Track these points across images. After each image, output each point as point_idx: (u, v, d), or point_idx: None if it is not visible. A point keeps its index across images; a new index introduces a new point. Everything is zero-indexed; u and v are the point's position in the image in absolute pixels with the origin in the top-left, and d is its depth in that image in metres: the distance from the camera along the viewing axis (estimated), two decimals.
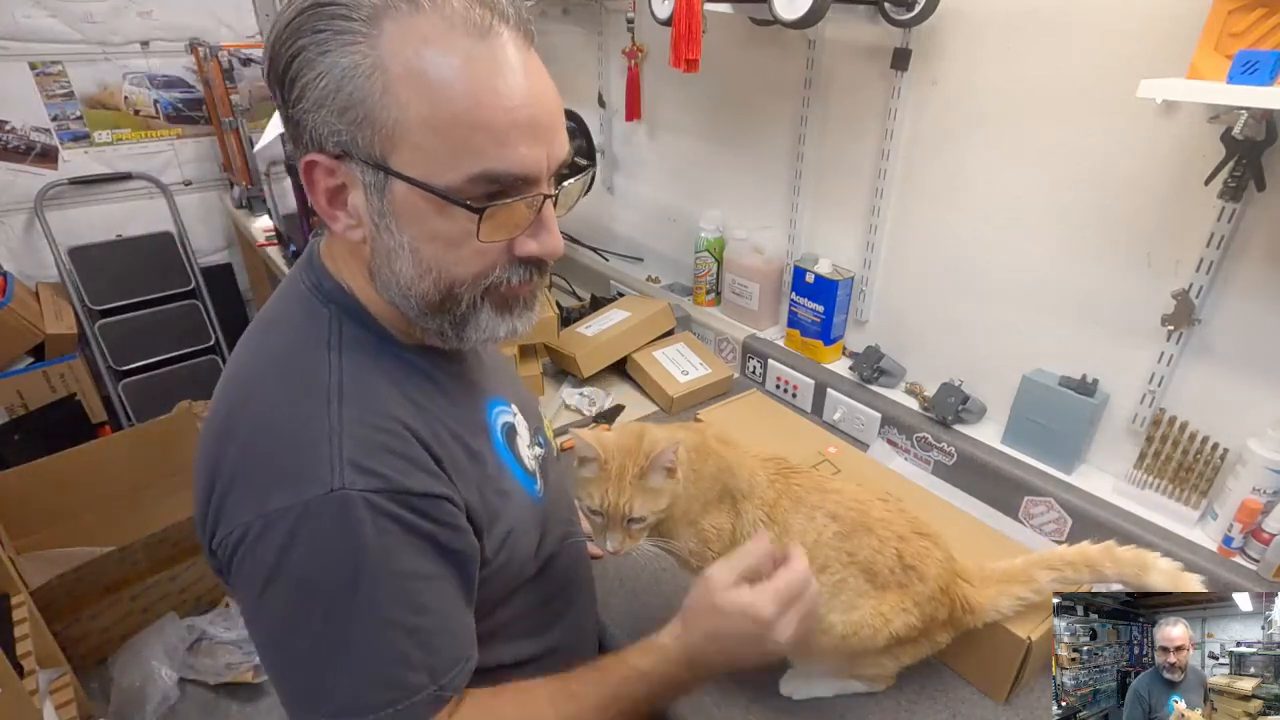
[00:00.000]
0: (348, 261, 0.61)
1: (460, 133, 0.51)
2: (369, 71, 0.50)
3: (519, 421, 0.74)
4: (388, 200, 0.54)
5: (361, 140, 0.52)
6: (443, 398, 0.63)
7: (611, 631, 0.90)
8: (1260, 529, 0.88)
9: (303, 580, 0.52)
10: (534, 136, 0.53)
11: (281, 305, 0.64)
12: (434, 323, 0.59)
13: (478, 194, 0.53)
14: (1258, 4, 0.72)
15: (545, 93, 0.55)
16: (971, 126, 1.08)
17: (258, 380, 0.58)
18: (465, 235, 0.54)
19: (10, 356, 2.21)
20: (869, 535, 0.74)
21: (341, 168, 0.54)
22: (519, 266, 0.59)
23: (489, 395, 0.71)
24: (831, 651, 0.76)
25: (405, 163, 0.52)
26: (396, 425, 0.56)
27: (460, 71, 0.50)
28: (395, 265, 0.56)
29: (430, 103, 0.50)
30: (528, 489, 0.70)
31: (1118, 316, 1.00)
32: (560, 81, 0.57)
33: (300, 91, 0.52)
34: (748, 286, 1.48)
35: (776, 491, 0.78)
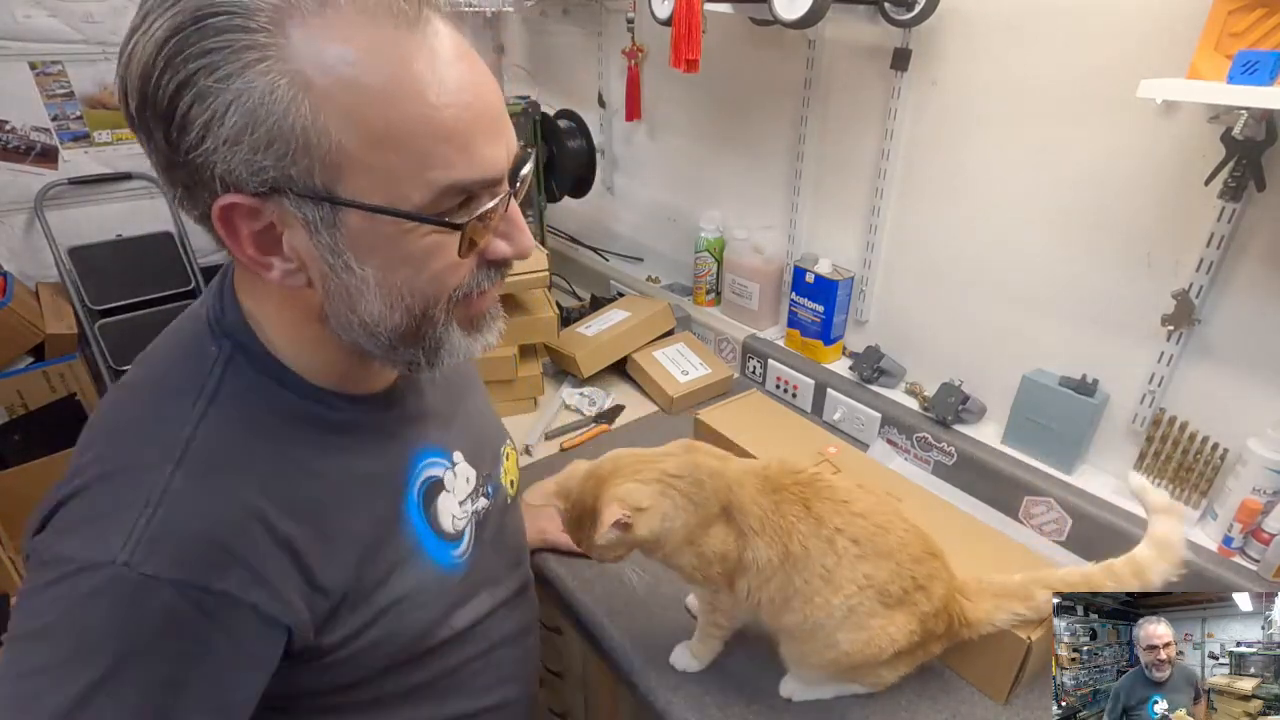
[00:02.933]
0: (274, 304, 0.54)
1: (420, 144, 0.44)
2: (291, 94, 0.41)
3: (456, 473, 0.68)
4: (341, 234, 0.46)
5: (296, 173, 0.43)
6: (342, 454, 0.57)
7: (625, 649, 0.90)
8: (1260, 529, 0.88)
9: (44, 629, 0.45)
10: (493, 133, 0.48)
11: (173, 336, 0.57)
12: (406, 354, 0.54)
13: (449, 207, 0.48)
14: (1258, 4, 0.72)
15: (489, 81, 0.49)
16: (971, 126, 1.08)
17: (116, 419, 0.53)
18: (438, 252, 0.49)
19: (10, 356, 2.20)
20: (888, 560, 0.73)
21: (269, 206, 0.45)
22: (488, 271, 0.54)
23: (419, 445, 0.65)
24: (831, 664, 0.76)
25: (359, 189, 0.45)
26: (232, 507, 0.49)
27: (401, 73, 0.43)
28: (359, 305, 0.50)
29: (376, 116, 0.43)
30: (436, 557, 0.63)
31: (1118, 316, 1.00)
32: (560, 81, 0.56)
33: (201, 131, 0.42)
34: (748, 286, 1.48)
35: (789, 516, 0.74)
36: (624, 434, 1.33)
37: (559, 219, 2.07)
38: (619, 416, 1.37)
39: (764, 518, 0.74)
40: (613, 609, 0.93)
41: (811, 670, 0.79)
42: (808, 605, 0.73)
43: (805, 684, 0.82)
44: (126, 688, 0.46)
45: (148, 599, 0.45)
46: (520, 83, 2.07)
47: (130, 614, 0.45)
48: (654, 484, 0.74)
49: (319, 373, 0.56)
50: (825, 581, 0.72)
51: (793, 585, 0.73)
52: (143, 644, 0.46)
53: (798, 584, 0.73)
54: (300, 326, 0.54)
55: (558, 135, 1.68)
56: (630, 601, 0.93)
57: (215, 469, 0.50)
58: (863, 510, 0.75)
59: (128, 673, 0.46)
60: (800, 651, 0.77)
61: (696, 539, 0.75)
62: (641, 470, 0.74)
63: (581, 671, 1.09)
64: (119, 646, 0.45)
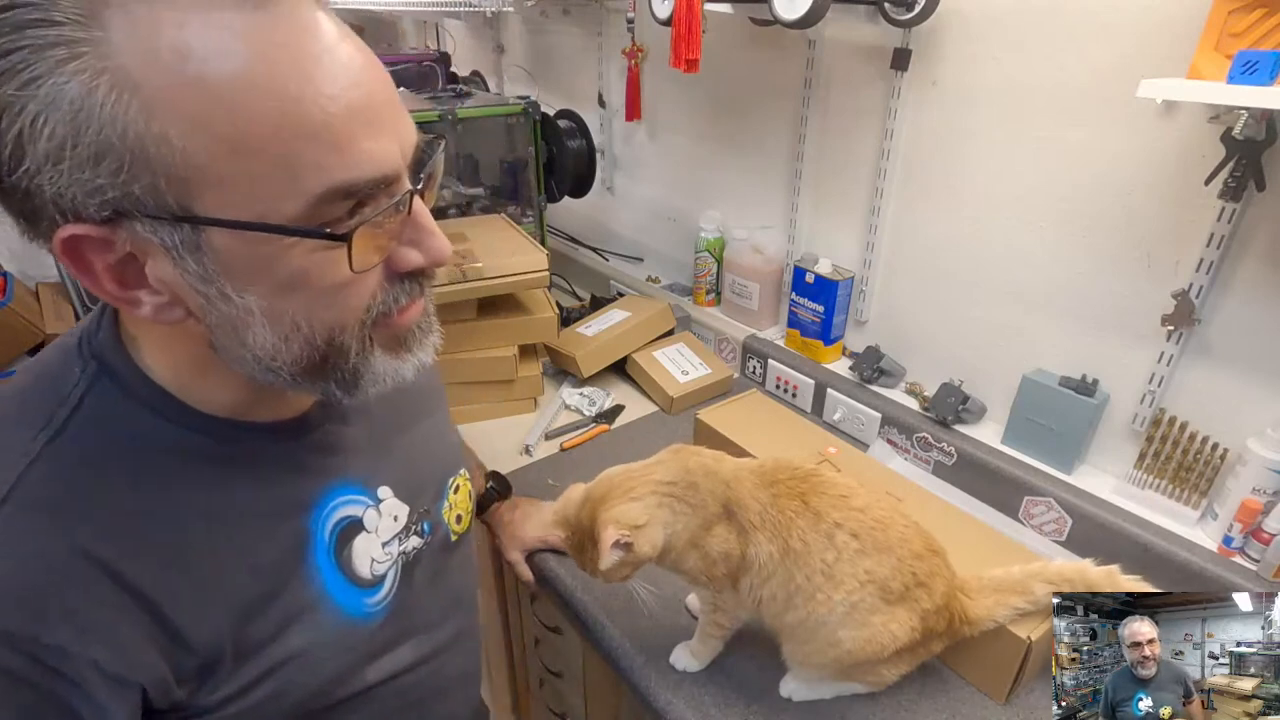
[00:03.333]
0: (158, 335, 0.47)
1: (284, 146, 0.37)
2: (114, 96, 0.35)
3: (381, 511, 0.61)
4: (210, 259, 0.39)
5: (140, 191, 0.37)
6: (229, 491, 0.50)
7: (625, 649, 0.90)
8: (1260, 529, 0.88)
9: None
10: (376, 124, 0.41)
11: (44, 355, 0.50)
12: (316, 388, 0.48)
13: (336, 216, 0.41)
14: (1258, 4, 0.72)
15: (372, 64, 0.41)
16: (971, 126, 1.08)
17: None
18: (329, 270, 0.42)
19: (10, 356, 2.20)
20: (889, 554, 0.73)
21: (121, 234, 0.38)
22: (403, 284, 0.47)
23: (333, 480, 0.57)
24: (833, 663, 0.76)
25: (218, 204, 0.38)
26: (60, 551, 0.43)
27: (253, 60, 0.36)
28: (247, 337, 0.43)
29: (225, 117, 0.36)
30: (346, 606, 0.56)
31: (1118, 316, 1.00)
32: (560, 81, 0.55)
33: (15, 149, 0.35)
34: (748, 286, 1.48)
35: (787, 510, 0.74)
36: (624, 434, 1.33)
37: (559, 219, 2.07)
38: (619, 416, 1.37)
39: (763, 512, 0.74)
40: (613, 609, 0.93)
41: (814, 670, 0.79)
42: (809, 602, 0.73)
43: (806, 684, 0.82)
44: None
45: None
46: (520, 83, 2.07)
47: None
48: (648, 497, 0.73)
49: (209, 400, 0.49)
50: (826, 578, 0.72)
51: (794, 582, 0.73)
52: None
53: (799, 581, 0.73)
54: (187, 350, 0.47)
55: (558, 135, 1.68)
56: (630, 602, 0.93)
57: (44, 508, 0.43)
58: (861, 505, 0.74)
59: None
60: (803, 651, 0.77)
61: (700, 540, 0.75)
62: (634, 487, 0.74)
63: (581, 671, 1.09)
64: None
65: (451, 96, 1.64)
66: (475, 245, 1.32)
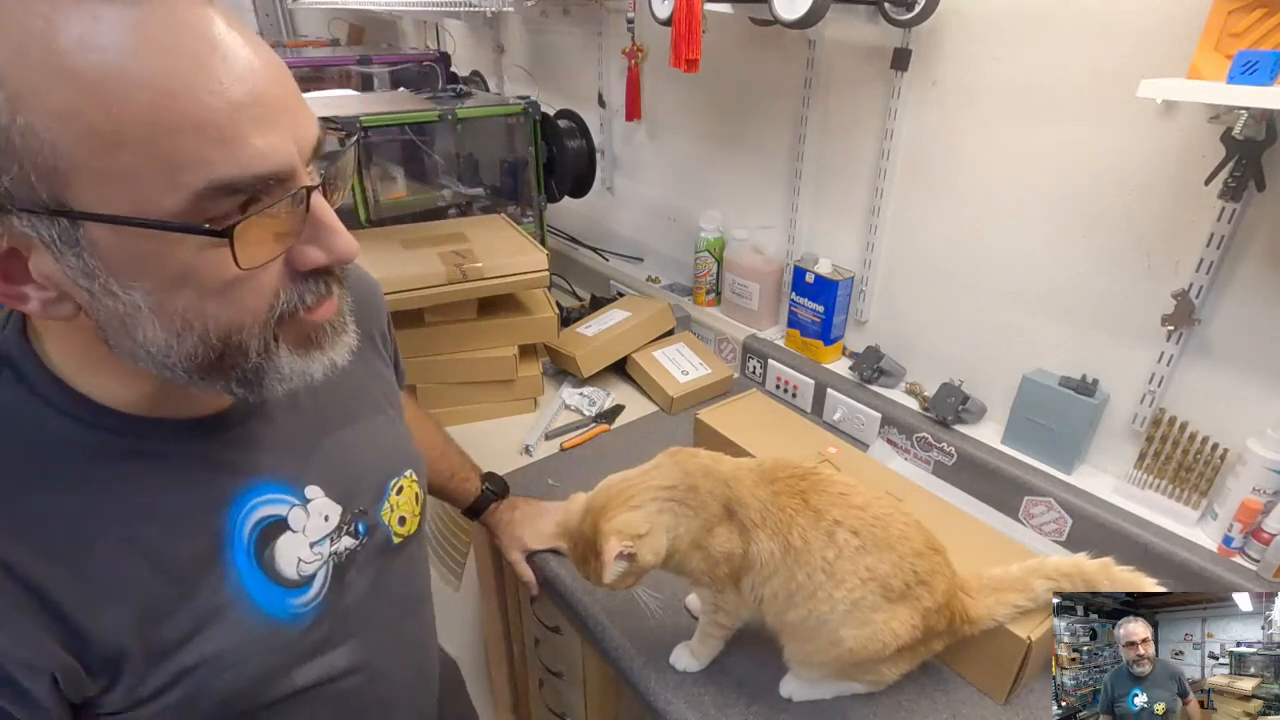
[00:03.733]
0: (58, 329, 0.46)
1: (161, 140, 0.37)
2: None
3: (309, 510, 0.59)
4: (89, 254, 0.39)
5: (10, 184, 0.36)
6: (143, 486, 0.49)
7: (625, 649, 0.90)
8: (1260, 529, 0.88)
9: None
10: (267, 120, 0.40)
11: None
12: (217, 386, 0.46)
13: (221, 212, 0.40)
14: (1258, 4, 0.72)
15: (264, 58, 0.41)
16: (971, 126, 1.08)
17: None
18: (219, 269, 0.41)
19: None
20: (889, 552, 0.73)
21: (1, 229, 0.38)
22: (309, 283, 0.46)
23: (252, 478, 0.55)
24: (835, 662, 0.76)
25: (96, 199, 0.37)
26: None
27: (126, 54, 0.36)
28: (136, 333, 0.42)
29: (98, 109, 0.35)
30: (267, 607, 0.54)
31: (1118, 316, 1.00)
32: (560, 81, 0.56)
33: None
34: (748, 286, 1.48)
35: (788, 509, 0.74)
36: (624, 434, 1.33)
37: (559, 219, 2.07)
38: (619, 416, 1.37)
39: (763, 510, 0.74)
40: (613, 609, 0.93)
41: (816, 669, 0.79)
42: (811, 600, 0.73)
43: (806, 683, 0.82)
44: None
45: None
46: (520, 83, 2.07)
47: None
48: (649, 504, 0.73)
49: (115, 395, 0.48)
50: (827, 575, 0.72)
51: (795, 580, 0.73)
52: None
53: (800, 579, 0.73)
54: (89, 347, 0.46)
55: (558, 135, 1.68)
56: (631, 602, 0.93)
57: None
58: (861, 502, 0.74)
59: None
60: (805, 651, 0.77)
61: (702, 542, 0.75)
62: (634, 495, 0.74)
63: (581, 671, 1.09)
64: None
65: (451, 96, 1.64)
66: (475, 245, 1.32)
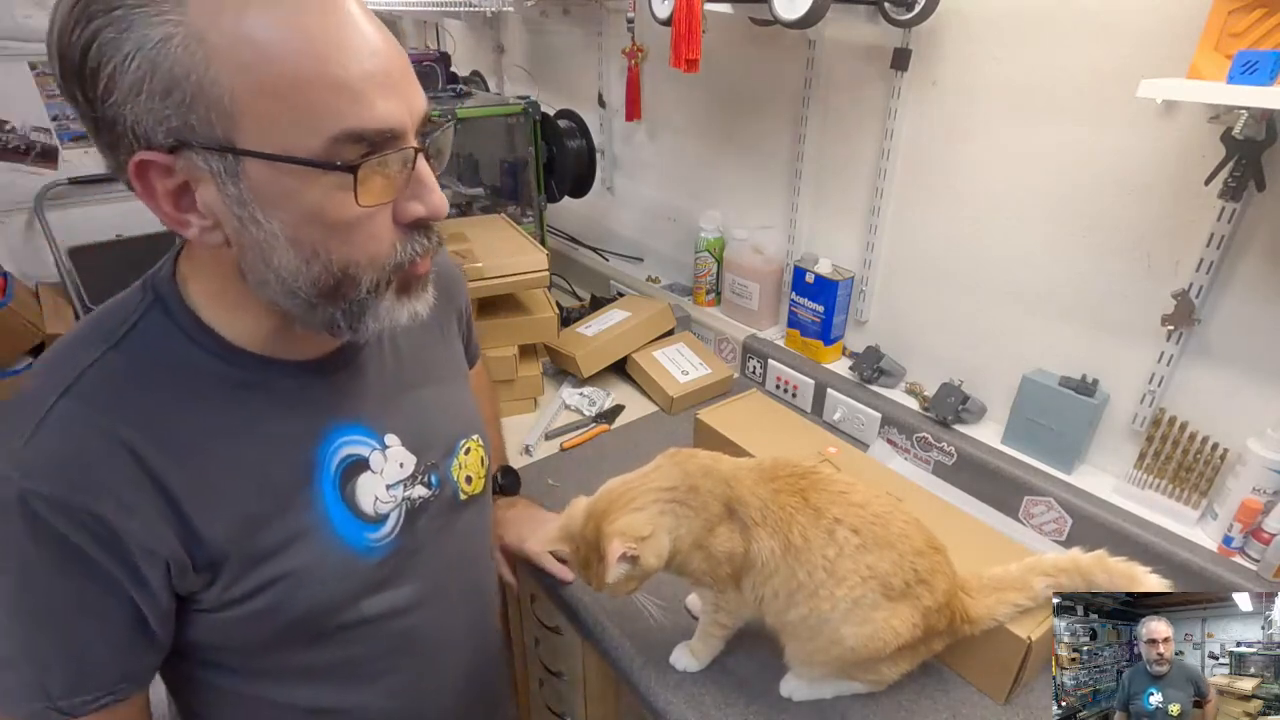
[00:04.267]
0: (202, 266, 0.56)
1: (310, 94, 0.46)
2: (185, 42, 0.44)
3: (387, 456, 0.67)
4: (245, 186, 0.48)
5: (196, 122, 0.46)
6: (253, 413, 0.58)
7: (625, 649, 0.90)
8: (1260, 529, 0.88)
9: None
10: (390, 89, 0.49)
11: (123, 291, 0.60)
12: (325, 313, 0.54)
13: (346, 158, 0.48)
14: (1258, 4, 0.72)
15: (390, 44, 0.51)
16: (971, 126, 1.08)
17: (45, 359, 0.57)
18: (344, 207, 0.50)
19: (10, 356, 2.20)
20: (890, 550, 0.73)
21: (180, 163, 0.48)
22: (415, 236, 0.55)
23: (339, 420, 0.64)
24: (835, 661, 0.76)
25: (255, 139, 0.46)
26: (101, 436, 0.52)
27: (293, 29, 0.46)
28: (273, 260, 0.51)
29: (267, 67, 0.45)
30: (347, 537, 0.63)
31: (1118, 316, 1.00)
32: (560, 81, 0.57)
33: (108, 83, 0.45)
34: (748, 286, 1.48)
35: (788, 507, 0.74)
36: (624, 434, 1.33)
37: (559, 219, 2.07)
38: (619, 416, 1.37)
39: (764, 509, 0.74)
40: (613, 609, 0.93)
41: (817, 669, 0.79)
42: (812, 599, 0.73)
43: (806, 683, 0.82)
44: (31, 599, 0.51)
45: (30, 511, 0.49)
46: (520, 83, 2.07)
47: (18, 525, 0.49)
48: (651, 506, 0.73)
49: (241, 334, 0.58)
50: (828, 574, 0.72)
51: (796, 579, 0.73)
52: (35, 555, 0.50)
53: (801, 577, 0.73)
54: (224, 287, 0.56)
55: (558, 135, 1.68)
56: (630, 603, 0.93)
57: (94, 401, 0.53)
58: (861, 500, 0.75)
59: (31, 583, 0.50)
60: (806, 650, 0.77)
61: (704, 542, 0.75)
62: (635, 497, 0.74)
63: (581, 671, 1.09)
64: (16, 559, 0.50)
65: (452, 96, 1.64)
66: (475, 245, 1.32)
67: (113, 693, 0.55)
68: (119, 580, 0.53)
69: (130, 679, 0.56)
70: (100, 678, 0.55)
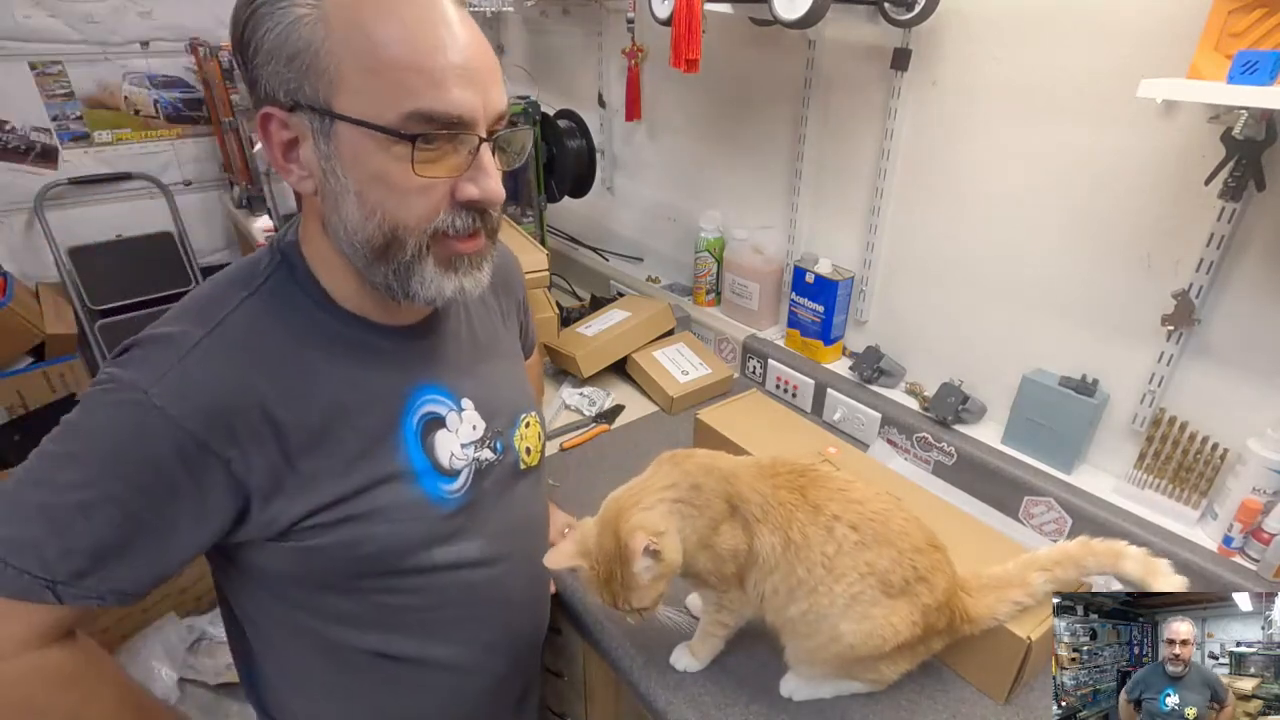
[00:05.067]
0: (310, 220, 0.65)
1: (396, 75, 0.54)
2: (313, 22, 0.54)
3: (462, 418, 0.74)
4: (333, 144, 0.57)
5: (308, 87, 0.55)
6: (355, 367, 0.66)
7: (625, 649, 0.90)
8: (1260, 529, 0.88)
9: (66, 424, 0.58)
10: (468, 81, 0.56)
11: (255, 250, 0.70)
12: (380, 272, 0.61)
13: (416, 133, 0.55)
14: (1258, 4, 0.72)
15: (479, 45, 0.58)
16: (971, 126, 1.08)
17: (190, 299, 0.65)
18: (405, 175, 0.57)
19: (10, 356, 2.20)
20: (889, 547, 0.73)
21: (294, 120, 0.57)
22: (462, 212, 0.61)
23: (423, 380, 0.71)
24: (835, 659, 0.76)
25: (347, 106, 0.55)
26: (237, 376, 0.59)
27: (397, 21, 0.54)
28: (342, 210, 0.59)
29: (369, 49, 0.54)
30: (425, 485, 0.69)
31: (1118, 316, 1.00)
32: (560, 81, 0.58)
33: (255, 47, 0.55)
34: (748, 286, 1.48)
35: (787, 503, 0.75)
36: (624, 434, 1.33)
37: (559, 219, 2.07)
38: (619, 416, 1.37)
39: (764, 504, 0.74)
40: (613, 610, 0.93)
41: (818, 667, 0.79)
42: (811, 595, 0.73)
43: (806, 682, 0.82)
44: (99, 493, 0.56)
45: (149, 425, 0.56)
46: (520, 83, 2.07)
47: (132, 433, 0.56)
48: (658, 506, 0.74)
49: (342, 295, 0.66)
50: (827, 570, 0.72)
51: (795, 575, 0.73)
52: (128, 461, 0.56)
53: (800, 574, 0.73)
54: (326, 252, 0.64)
55: (558, 135, 1.68)
56: None
57: (235, 343, 0.61)
58: (859, 498, 0.75)
59: (108, 481, 0.56)
60: (806, 648, 0.77)
61: (710, 541, 0.75)
62: (641, 498, 0.74)
63: (582, 671, 1.09)
64: (110, 457, 0.56)
65: None
66: None
67: (101, 598, 0.59)
68: (194, 513, 0.59)
69: (119, 594, 0.60)
70: (105, 583, 0.58)
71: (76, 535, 0.56)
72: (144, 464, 0.56)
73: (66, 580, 0.56)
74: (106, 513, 0.56)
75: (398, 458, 0.68)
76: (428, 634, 0.75)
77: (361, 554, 0.66)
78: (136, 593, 0.60)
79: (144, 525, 0.58)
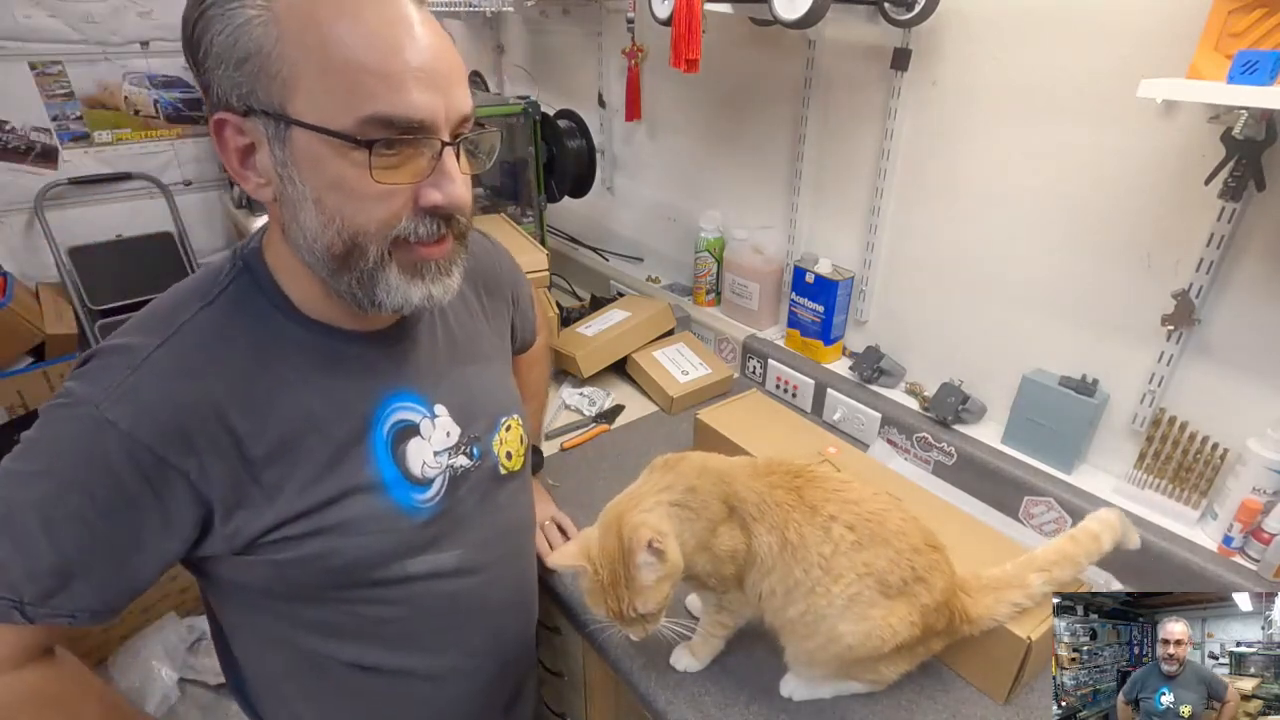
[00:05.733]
0: (273, 227, 0.63)
1: (352, 76, 0.52)
2: (264, 23, 0.52)
3: (435, 424, 0.72)
4: (289, 150, 0.55)
5: (261, 91, 0.53)
6: (322, 376, 0.64)
7: (625, 649, 0.90)
8: (1260, 529, 0.88)
9: (26, 440, 0.57)
10: (429, 84, 0.54)
11: (216, 257, 0.68)
12: (343, 281, 0.59)
13: (373, 138, 0.53)
14: (1258, 4, 0.72)
15: (441, 46, 0.56)
16: (971, 126, 1.08)
17: (147, 309, 0.63)
18: (364, 181, 0.55)
19: (10, 356, 2.20)
20: (886, 547, 0.73)
21: (249, 125, 0.55)
22: (425, 218, 0.58)
23: (394, 387, 0.69)
24: (834, 659, 0.76)
25: (302, 110, 0.53)
26: (191, 386, 0.58)
27: (353, 21, 0.52)
28: (301, 218, 0.57)
29: (323, 50, 0.52)
30: (396, 495, 0.67)
31: (1118, 316, 1.00)
32: (560, 81, 0.58)
33: (205, 50, 0.53)
34: (748, 286, 1.48)
35: (783, 504, 0.75)
36: (624, 434, 1.33)
37: (559, 219, 2.07)
38: (619, 416, 1.37)
39: (761, 504, 0.75)
40: None
41: (817, 668, 0.79)
42: (809, 596, 0.73)
43: (806, 682, 0.82)
44: (59, 510, 0.55)
45: (102, 439, 0.55)
46: (520, 83, 2.07)
47: (86, 447, 0.55)
48: (657, 508, 0.74)
49: (312, 306, 0.64)
50: (824, 571, 0.72)
51: (793, 576, 0.73)
52: (84, 476, 0.55)
53: (797, 574, 0.73)
54: (288, 260, 0.62)
55: (558, 135, 1.68)
56: None
57: (190, 353, 0.59)
58: (856, 498, 0.75)
59: (67, 496, 0.55)
60: (806, 649, 0.77)
61: (708, 543, 0.75)
62: (639, 501, 0.74)
63: (582, 671, 1.09)
64: (67, 472, 0.55)
65: None
66: None
67: (72, 616, 0.58)
68: (156, 526, 0.58)
69: (90, 613, 0.59)
70: (74, 601, 0.57)
71: (40, 553, 0.55)
72: (101, 478, 0.55)
73: (34, 600, 0.55)
74: (68, 529, 0.55)
75: (367, 468, 0.66)
76: (408, 645, 0.73)
77: (332, 566, 0.65)
78: (108, 610, 0.60)
79: (107, 540, 0.57)
